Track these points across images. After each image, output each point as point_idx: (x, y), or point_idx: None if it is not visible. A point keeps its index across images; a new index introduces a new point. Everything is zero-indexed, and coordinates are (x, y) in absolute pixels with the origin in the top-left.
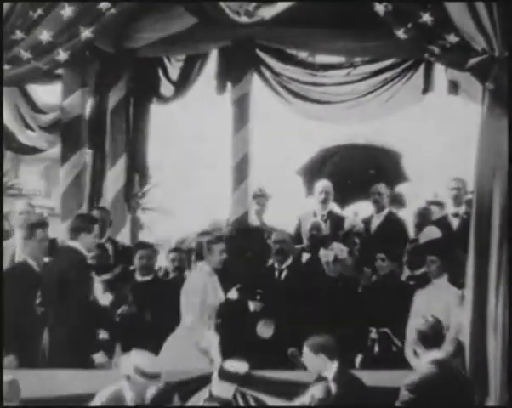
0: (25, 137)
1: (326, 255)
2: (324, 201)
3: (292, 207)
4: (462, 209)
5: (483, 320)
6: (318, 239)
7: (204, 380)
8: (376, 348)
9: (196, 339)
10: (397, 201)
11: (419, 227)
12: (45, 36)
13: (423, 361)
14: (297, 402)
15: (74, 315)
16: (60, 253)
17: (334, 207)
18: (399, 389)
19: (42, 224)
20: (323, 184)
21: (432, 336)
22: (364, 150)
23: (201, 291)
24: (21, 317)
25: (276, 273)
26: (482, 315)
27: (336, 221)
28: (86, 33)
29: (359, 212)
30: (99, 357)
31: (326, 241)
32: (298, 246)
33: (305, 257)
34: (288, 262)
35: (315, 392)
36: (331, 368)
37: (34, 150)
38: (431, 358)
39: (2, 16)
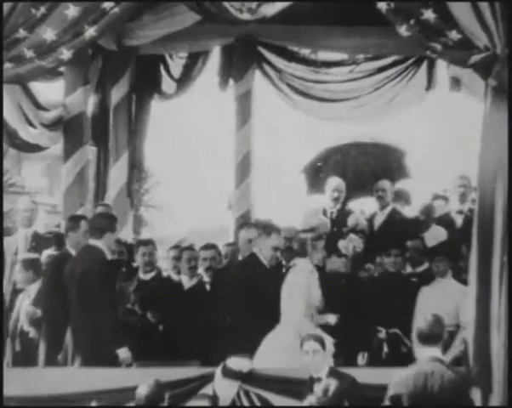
0: (27, 134)
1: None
2: (336, 199)
3: (295, 204)
4: (466, 206)
5: (486, 317)
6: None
7: (207, 378)
8: (385, 348)
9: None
10: (402, 198)
11: (424, 224)
12: (49, 34)
13: (420, 358)
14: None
15: (99, 314)
16: (84, 252)
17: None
18: None
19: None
20: (336, 181)
21: (429, 333)
22: (367, 147)
23: (307, 287)
24: None
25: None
26: (486, 312)
27: (345, 218)
28: (90, 32)
29: (364, 209)
30: (122, 352)
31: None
32: None
33: None
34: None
35: (316, 390)
36: (324, 367)
37: (36, 148)
38: (428, 355)
39: (2, 15)
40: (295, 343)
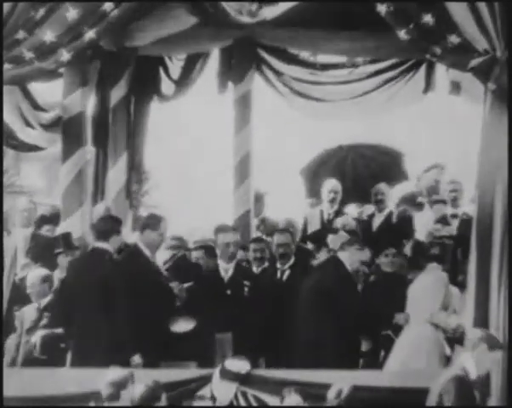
0: (26, 135)
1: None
2: (332, 201)
3: (294, 207)
4: (461, 210)
5: (485, 320)
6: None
7: (205, 379)
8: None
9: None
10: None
11: None
12: (49, 36)
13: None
14: None
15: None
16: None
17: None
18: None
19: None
20: (332, 183)
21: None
22: (365, 150)
23: (446, 286)
24: None
25: (279, 273)
26: (484, 315)
27: None
28: (89, 34)
29: (364, 211)
30: (137, 359)
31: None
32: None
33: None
34: (291, 262)
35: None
36: None
37: (33, 148)
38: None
39: (1, 16)
40: (434, 339)
